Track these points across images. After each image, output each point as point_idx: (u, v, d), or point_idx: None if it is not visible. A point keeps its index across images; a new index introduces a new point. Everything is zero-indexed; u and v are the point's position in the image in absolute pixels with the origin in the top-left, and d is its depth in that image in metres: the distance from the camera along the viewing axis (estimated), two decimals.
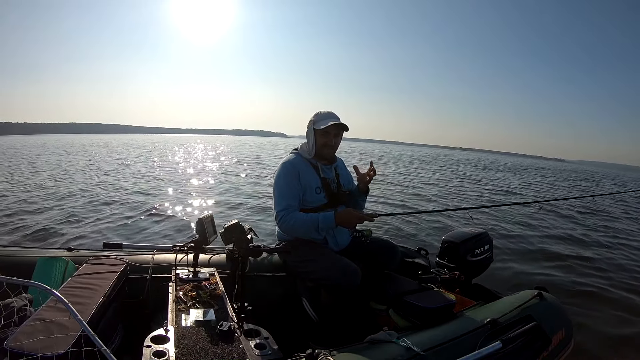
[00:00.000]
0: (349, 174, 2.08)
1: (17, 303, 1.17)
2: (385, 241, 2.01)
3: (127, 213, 5.75)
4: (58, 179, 9.56)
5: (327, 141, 1.85)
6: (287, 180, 1.81)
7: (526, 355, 1.51)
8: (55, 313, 1.09)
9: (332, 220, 1.74)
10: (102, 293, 1.37)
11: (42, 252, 1.90)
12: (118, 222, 5.17)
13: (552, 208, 8.43)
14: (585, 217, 8.17)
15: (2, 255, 1.84)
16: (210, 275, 1.60)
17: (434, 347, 1.31)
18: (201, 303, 1.34)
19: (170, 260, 1.72)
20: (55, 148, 27.03)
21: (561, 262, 4.52)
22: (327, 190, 1.88)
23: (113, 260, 1.72)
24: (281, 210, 1.77)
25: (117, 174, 11.20)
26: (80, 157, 17.72)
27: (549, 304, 1.81)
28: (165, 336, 1.08)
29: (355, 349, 1.26)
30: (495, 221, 6.53)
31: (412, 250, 2.48)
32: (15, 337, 0.98)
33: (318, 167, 1.89)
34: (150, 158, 19.16)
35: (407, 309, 1.64)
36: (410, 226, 5.53)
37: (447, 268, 2.33)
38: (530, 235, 5.79)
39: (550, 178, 23.46)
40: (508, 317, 1.59)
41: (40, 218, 5.24)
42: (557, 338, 1.67)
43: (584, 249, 5.29)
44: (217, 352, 1.05)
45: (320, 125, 1.82)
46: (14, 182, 8.69)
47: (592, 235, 6.34)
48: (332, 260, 1.71)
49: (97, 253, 1.92)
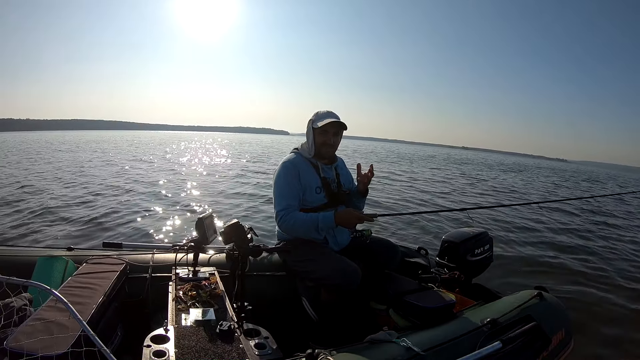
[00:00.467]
0: (349, 174, 2.08)
1: (17, 303, 1.17)
2: (386, 241, 2.01)
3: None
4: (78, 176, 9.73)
5: (326, 140, 1.85)
6: (287, 179, 1.81)
7: (526, 355, 1.51)
8: (55, 313, 1.09)
9: (331, 220, 1.74)
10: (102, 293, 1.37)
11: (42, 252, 1.90)
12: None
13: (553, 208, 8.43)
14: (586, 217, 8.17)
15: (2, 255, 1.84)
16: (210, 275, 1.60)
17: (434, 347, 1.31)
18: (201, 303, 1.34)
19: (170, 260, 1.72)
20: (60, 144, 27.04)
21: (561, 262, 4.52)
22: (327, 190, 1.88)
23: (113, 259, 1.72)
24: (281, 210, 1.77)
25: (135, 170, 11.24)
26: (94, 154, 17.87)
27: (549, 304, 1.81)
28: (165, 336, 1.08)
29: (355, 348, 1.26)
30: (495, 221, 6.53)
31: (412, 250, 2.48)
32: (15, 337, 0.98)
33: (318, 166, 1.89)
34: (160, 154, 19.28)
35: (407, 308, 1.64)
36: (410, 226, 5.54)
37: (447, 268, 2.33)
38: (531, 235, 5.79)
39: (551, 177, 23.44)
40: (508, 317, 1.59)
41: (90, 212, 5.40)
42: (557, 338, 1.67)
43: (584, 248, 5.29)
44: (217, 352, 1.05)
45: (318, 124, 1.82)
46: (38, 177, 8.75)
47: (592, 235, 6.34)
48: (332, 260, 1.71)
49: (97, 252, 1.92)
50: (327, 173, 1.91)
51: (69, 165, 12.92)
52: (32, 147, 23.20)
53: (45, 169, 11.17)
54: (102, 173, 10.72)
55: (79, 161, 14.42)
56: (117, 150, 21.86)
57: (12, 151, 19.03)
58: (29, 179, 8.84)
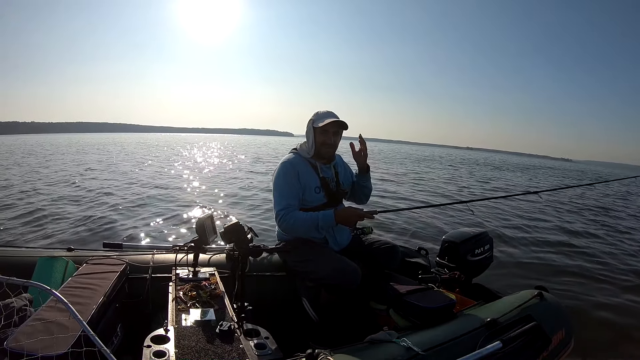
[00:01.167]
0: (347, 169, 2.08)
1: (17, 303, 1.17)
2: (386, 241, 2.00)
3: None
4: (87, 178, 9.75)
5: (326, 139, 1.85)
6: (286, 179, 1.81)
7: (526, 355, 1.50)
8: (55, 313, 1.09)
9: (332, 219, 1.74)
10: (102, 293, 1.37)
11: (42, 252, 1.90)
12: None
13: (554, 208, 8.42)
14: (587, 216, 8.17)
15: (2, 255, 1.84)
16: (210, 275, 1.60)
17: (434, 347, 1.31)
18: (201, 303, 1.34)
19: (170, 260, 1.73)
20: (68, 147, 27.14)
21: (562, 262, 4.52)
22: (327, 190, 1.88)
23: (113, 260, 1.72)
24: (281, 209, 1.77)
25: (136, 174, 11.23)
26: (98, 156, 17.87)
27: (549, 304, 1.80)
28: (165, 336, 1.08)
29: (355, 348, 1.26)
30: (495, 221, 6.53)
31: (412, 250, 2.48)
32: (15, 337, 0.98)
33: (317, 166, 1.89)
34: (170, 157, 19.29)
35: (407, 308, 1.64)
36: (411, 225, 5.54)
37: (447, 268, 2.33)
38: (531, 234, 5.78)
39: (559, 178, 23.05)
40: (508, 317, 1.59)
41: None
42: (557, 338, 1.67)
43: (584, 248, 5.28)
44: (217, 352, 1.05)
45: (319, 123, 1.82)
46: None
47: (593, 235, 6.33)
48: (332, 260, 1.71)
49: (97, 253, 1.92)
50: (325, 173, 1.92)
51: (73, 166, 12.92)
52: (40, 150, 23.19)
53: (46, 173, 11.16)
54: (131, 174, 10.70)
55: (86, 161, 14.39)
56: (146, 152, 21.81)
57: (19, 153, 19.06)
58: (31, 182, 8.86)
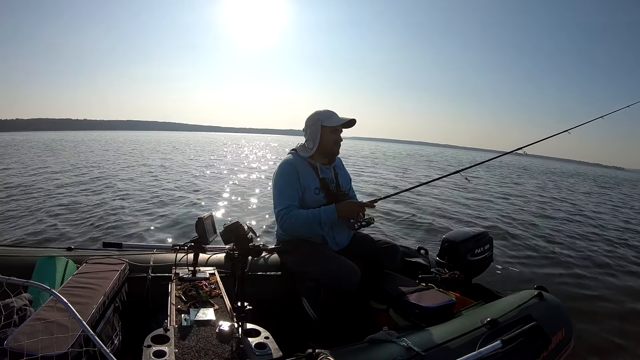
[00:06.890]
0: (347, 174, 2.08)
1: (17, 303, 1.17)
2: (386, 240, 2.00)
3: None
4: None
5: (338, 138, 1.87)
6: (286, 179, 1.81)
7: (526, 355, 1.50)
8: (55, 313, 1.09)
9: (334, 213, 1.74)
10: (102, 293, 1.37)
11: (42, 252, 1.90)
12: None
13: (554, 208, 8.42)
14: (588, 217, 8.17)
15: (2, 255, 1.84)
16: (210, 275, 1.60)
17: (434, 347, 1.31)
18: (201, 303, 1.34)
19: (170, 260, 1.73)
20: (147, 144, 28.14)
21: (561, 262, 4.51)
22: (326, 191, 1.88)
23: (113, 259, 1.72)
24: (282, 209, 1.77)
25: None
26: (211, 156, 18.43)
27: (549, 304, 1.80)
28: (165, 336, 1.08)
29: (355, 348, 1.26)
30: (495, 220, 6.53)
31: (412, 249, 2.48)
32: (15, 337, 0.98)
33: (317, 167, 1.89)
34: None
35: (407, 308, 1.64)
36: (411, 225, 5.54)
37: (447, 268, 2.32)
38: (531, 234, 5.78)
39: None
40: (508, 317, 1.59)
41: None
42: (557, 338, 1.67)
43: (585, 248, 5.28)
44: (217, 352, 1.05)
45: (332, 123, 1.82)
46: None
47: (594, 234, 6.33)
48: (332, 260, 1.70)
49: (97, 252, 1.92)
50: (325, 174, 1.92)
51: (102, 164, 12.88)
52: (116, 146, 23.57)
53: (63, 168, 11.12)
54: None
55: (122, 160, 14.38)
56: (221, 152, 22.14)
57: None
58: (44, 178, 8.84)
